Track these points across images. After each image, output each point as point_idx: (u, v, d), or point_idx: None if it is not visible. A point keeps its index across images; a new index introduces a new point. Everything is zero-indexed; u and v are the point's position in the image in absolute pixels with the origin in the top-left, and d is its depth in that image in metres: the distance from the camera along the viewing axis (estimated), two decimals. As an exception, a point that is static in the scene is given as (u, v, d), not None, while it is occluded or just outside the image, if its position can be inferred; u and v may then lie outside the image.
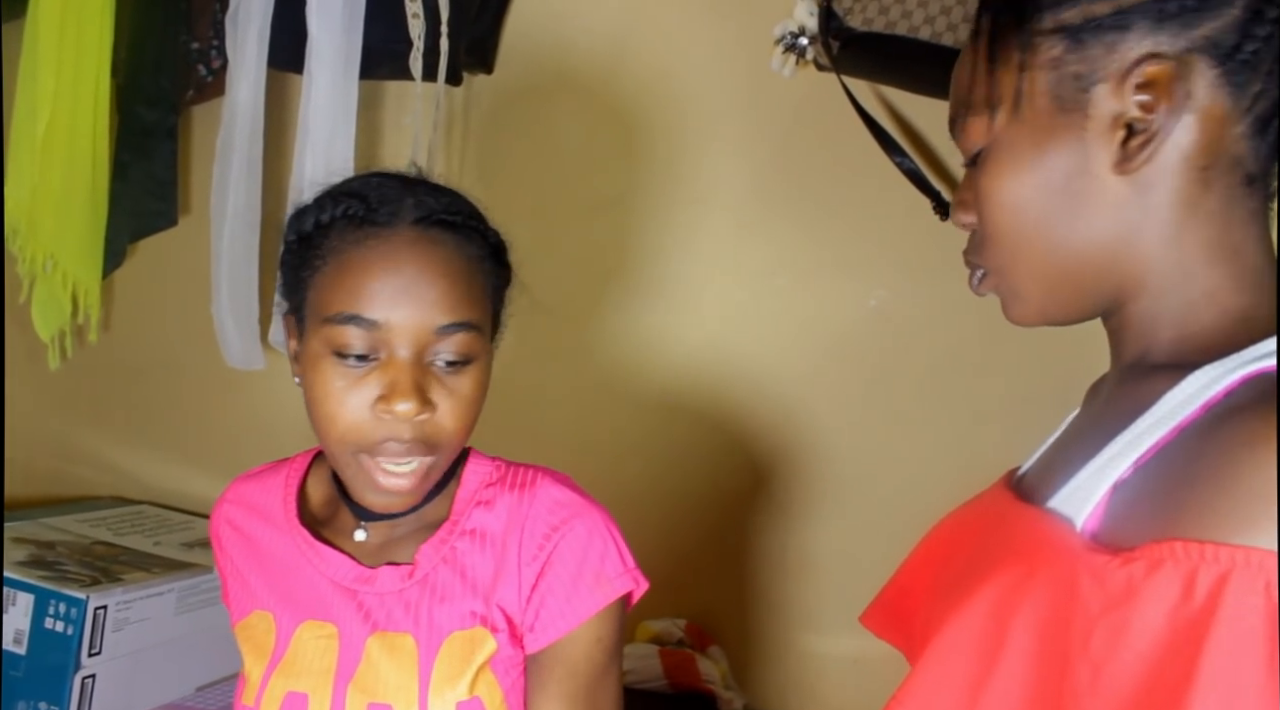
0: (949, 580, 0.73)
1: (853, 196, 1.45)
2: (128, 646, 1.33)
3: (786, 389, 1.50)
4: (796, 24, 1.37)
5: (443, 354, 0.81)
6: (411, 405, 0.79)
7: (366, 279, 0.79)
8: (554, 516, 0.87)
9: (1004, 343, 1.39)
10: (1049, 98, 0.67)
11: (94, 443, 1.91)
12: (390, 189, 0.83)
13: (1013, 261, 0.71)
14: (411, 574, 0.88)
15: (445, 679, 0.85)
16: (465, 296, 0.82)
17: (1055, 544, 0.61)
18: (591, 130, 1.57)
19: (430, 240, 0.81)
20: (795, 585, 1.53)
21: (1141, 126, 0.65)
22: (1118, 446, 0.63)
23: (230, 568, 0.96)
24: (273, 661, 0.89)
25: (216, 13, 1.66)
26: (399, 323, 0.79)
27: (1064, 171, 0.68)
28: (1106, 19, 0.65)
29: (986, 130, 0.70)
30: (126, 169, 1.67)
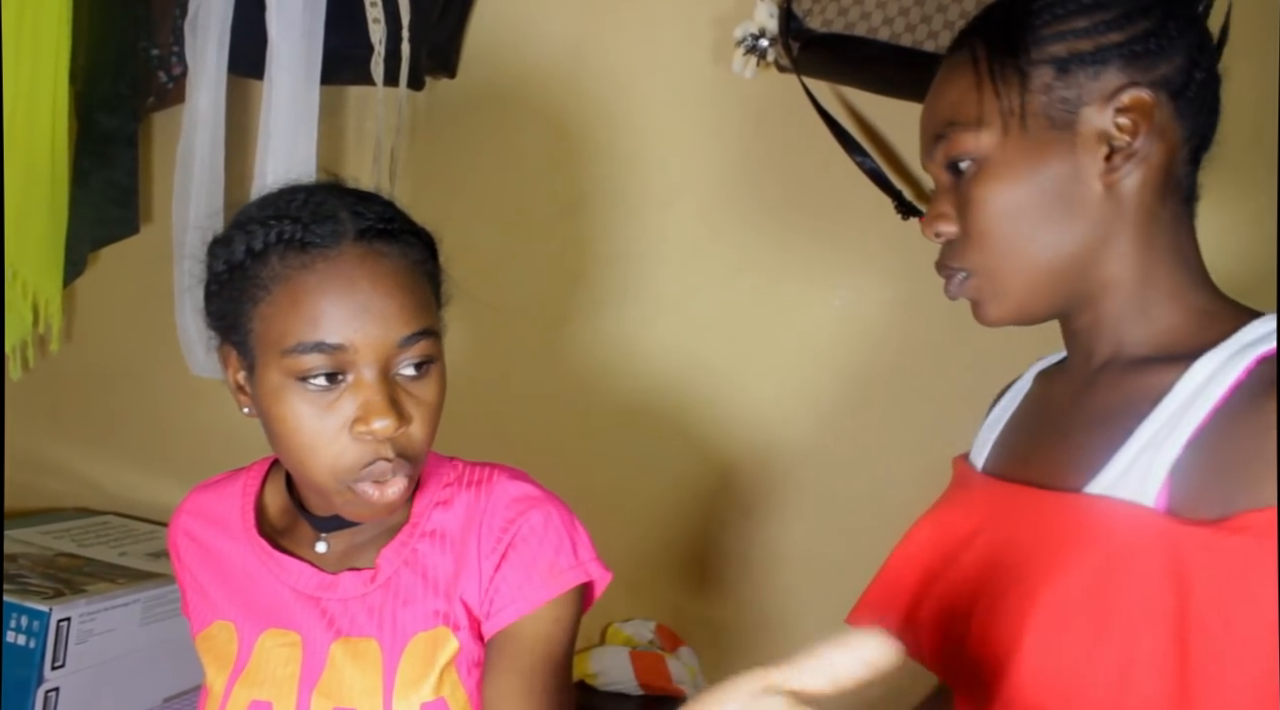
0: (969, 575, 0.79)
1: (815, 197, 1.46)
2: (92, 658, 1.31)
3: (752, 390, 1.51)
4: (757, 26, 1.38)
5: (405, 363, 0.81)
6: (390, 422, 0.78)
7: (323, 304, 0.78)
8: (511, 510, 0.88)
9: (967, 341, 1.40)
10: (1042, 117, 0.77)
11: (57, 453, 1.89)
12: (321, 205, 0.81)
13: (1003, 263, 0.79)
14: (374, 578, 0.88)
15: (409, 681, 0.85)
16: (420, 304, 0.82)
17: (1137, 524, 0.69)
18: (555, 133, 1.57)
19: (377, 254, 0.80)
20: (764, 584, 1.54)
21: (1120, 144, 0.76)
22: (1150, 430, 0.71)
23: (189, 579, 0.95)
24: (235, 671, 0.89)
25: (177, 19, 1.64)
26: (363, 342, 0.78)
27: (1056, 180, 0.77)
28: (1089, 54, 0.76)
29: (976, 145, 0.78)
30: (86, 177, 1.66)
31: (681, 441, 1.54)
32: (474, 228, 1.61)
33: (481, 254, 1.61)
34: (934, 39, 1.26)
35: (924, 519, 0.89)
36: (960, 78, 0.81)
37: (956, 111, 0.80)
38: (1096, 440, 0.75)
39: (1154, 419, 0.72)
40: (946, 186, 0.82)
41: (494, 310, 1.60)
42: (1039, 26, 0.78)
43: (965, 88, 0.80)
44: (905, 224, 1.38)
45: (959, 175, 0.81)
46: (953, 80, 0.82)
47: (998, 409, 0.96)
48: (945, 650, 0.81)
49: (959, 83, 0.81)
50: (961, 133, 0.79)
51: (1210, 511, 0.66)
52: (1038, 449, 0.83)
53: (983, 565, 0.78)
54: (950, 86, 0.82)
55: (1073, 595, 0.70)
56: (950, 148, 0.80)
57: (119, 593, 1.36)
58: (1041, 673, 0.70)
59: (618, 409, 1.56)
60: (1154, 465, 0.70)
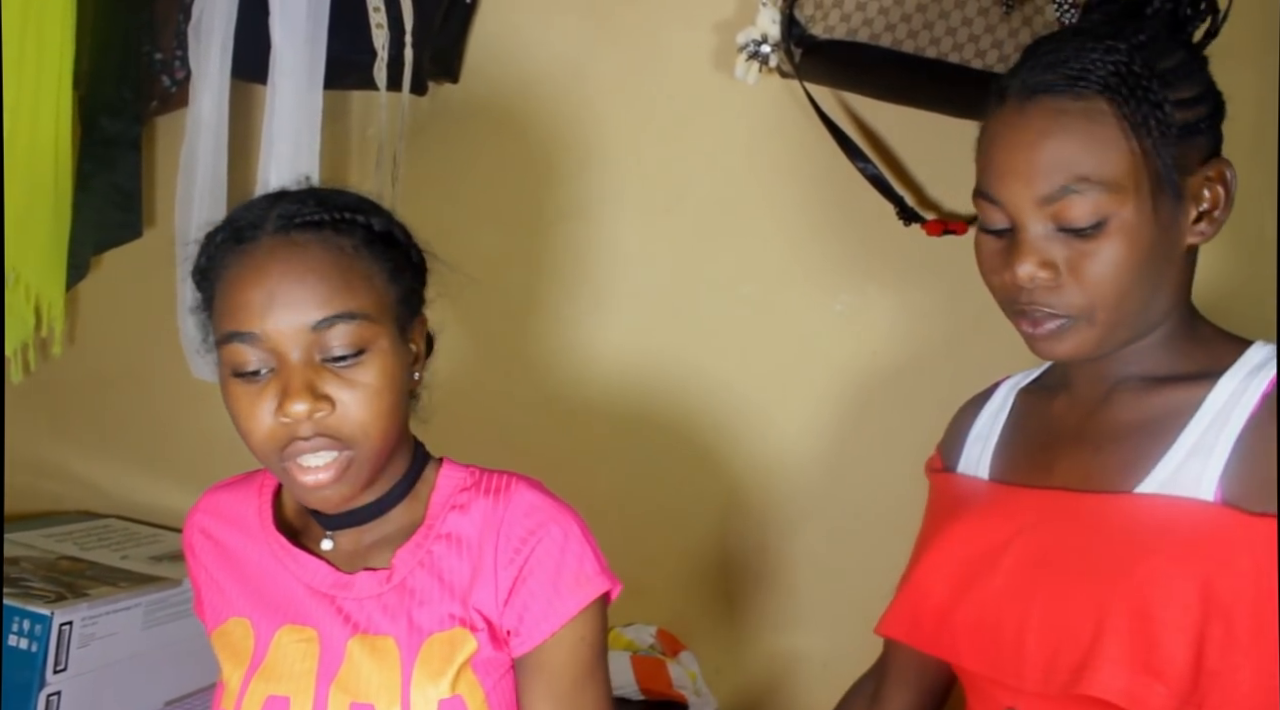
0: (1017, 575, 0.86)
1: (816, 203, 1.46)
2: (94, 662, 1.31)
3: (753, 396, 1.51)
4: (759, 32, 1.37)
5: (331, 350, 0.82)
6: (303, 405, 0.80)
7: (237, 294, 0.82)
8: (529, 520, 0.89)
9: (969, 347, 1.40)
10: (1164, 183, 0.82)
11: (60, 457, 1.89)
12: (257, 206, 0.86)
13: (1111, 312, 0.83)
14: (389, 578, 0.89)
15: (427, 676, 0.86)
16: (340, 289, 0.83)
17: (1203, 518, 0.79)
18: (558, 138, 1.57)
19: (291, 243, 0.83)
20: (766, 589, 1.53)
21: (1204, 208, 0.84)
22: (1192, 438, 0.82)
23: (205, 576, 0.96)
24: (252, 666, 0.90)
25: (180, 23, 1.64)
26: (273, 329, 0.81)
27: (1165, 243, 0.83)
28: (1194, 123, 0.83)
29: (1117, 207, 0.81)
30: (89, 180, 1.66)
31: (683, 447, 1.54)
32: (475, 232, 1.61)
33: (482, 258, 1.61)
34: (935, 45, 1.26)
35: (946, 531, 0.94)
36: (1100, 130, 0.81)
37: (1098, 168, 0.81)
38: (1133, 449, 0.85)
39: (1193, 429, 0.83)
40: (1044, 234, 0.83)
41: (493, 315, 1.61)
42: (1165, 89, 0.82)
43: (1107, 143, 0.81)
44: (907, 231, 1.38)
45: (1073, 229, 0.82)
46: (1090, 131, 0.81)
47: (979, 424, 1.02)
48: (993, 648, 0.87)
49: (1099, 135, 0.81)
50: (1104, 194, 0.81)
51: (1261, 507, 0.78)
52: (1061, 459, 0.90)
53: (1031, 566, 0.86)
54: (1087, 137, 0.82)
55: (1155, 581, 0.78)
56: (1084, 204, 0.81)
57: (121, 596, 1.36)
58: (1131, 655, 0.78)
59: (619, 415, 1.56)
60: (1206, 469, 0.81)
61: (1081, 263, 0.82)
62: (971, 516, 0.93)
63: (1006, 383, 1.04)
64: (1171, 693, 0.77)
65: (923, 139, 1.41)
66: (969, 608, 0.89)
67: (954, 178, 1.41)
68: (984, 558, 0.89)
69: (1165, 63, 0.83)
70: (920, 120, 1.39)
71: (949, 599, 0.91)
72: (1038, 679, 0.83)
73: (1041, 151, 0.82)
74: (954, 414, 1.07)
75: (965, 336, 1.41)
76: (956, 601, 0.90)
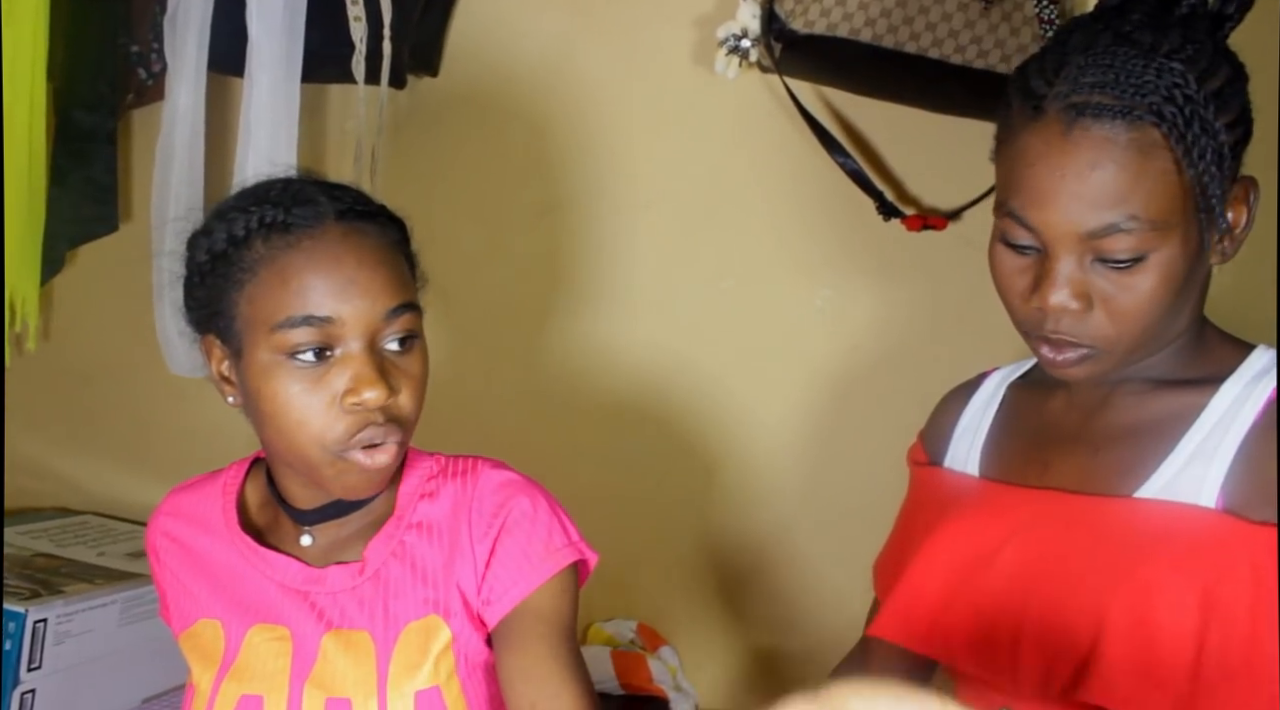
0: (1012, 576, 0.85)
1: (797, 198, 1.46)
2: (69, 660, 1.30)
3: (734, 390, 1.51)
4: (740, 26, 1.38)
5: (391, 337, 0.83)
6: (379, 392, 0.81)
7: (311, 279, 0.81)
8: (499, 495, 0.90)
9: (949, 341, 1.41)
10: (1212, 215, 0.79)
11: (35, 453, 1.88)
12: (300, 191, 0.85)
13: (1134, 341, 0.82)
14: (362, 571, 0.88)
15: (403, 670, 0.86)
16: (402, 279, 0.85)
17: (1204, 525, 0.78)
18: (537, 133, 1.57)
19: (358, 231, 0.84)
20: (747, 584, 1.54)
21: (1230, 230, 0.82)
22: (1194, 443, 0.81)
23: (170, 580, 0.95)
24: (223, 667, 0.89)
25: (156, 15, 1.63)
26: (350, 315, 0.81)
27: (1196, 268, 0.81)
28: (1230, 149, 0.79)
29: (1163, 244, 0.78)
30: (65, 174, 1.64)
31: (663, 441, 1.54)
32: (455, 227, 1.61)
33: (463, 253, 1.61)
34: (915, 40, 1.26)
35: (938, 531, 0.93)
36: (1154, 167, 0.77)
37: (1149, 206, 0.77)
38: (1134, 452, 0.84)
39: (1195, 434, 0.82)
40: (1082, 263, 0.79)
41: (475, 310, 1.60)
42: (1218, 115, 0.77)
43: (1160, 179, 0.77)
44: (887, 226, 1.38)
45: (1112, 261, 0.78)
46: (1144, 169, 0.77)
47: (967, 417, 1.00)
48: (987, 648, 0.86)
49: (1153, 173, 0.77)
50: (1151, 231, 0.77)
51: (1263, 515, 0.77)
52: (1057, 459, 0.89)
53: (1026, 568, 0.85)
54: (1141, 175, 0.77)
55: (1154, 586, 0.78)
56: (1132, 241, 0.77)
57: (97, 593, 1.35)
58: (1130, 661, 0.78)
59: (599, 409, 1.56)
60: (1207, 475, 0.80)
61: (1116, 295, 0.79)
62: (964, 516, 0.92)
63: (996, 374, 1.01)
64: (1170, 700, 0.77)
65: (903, 134, 1.42)
66: (963, 609, 0.88)
67: (934, 173, 1.42)
68: (979, 558, 0.88)
69: (1215, 82, 0.78)
70: (900, 115, 1.39)
71: (943, 600, 0.90)
72: (1035, 683, 0.83)
73: (1090, 185, 0.77)
74: (938, 404, 1.06)
75: (945, 331, 1.41)
76: (950, 603, 0.89)
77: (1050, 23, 1.26)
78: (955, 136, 1.35)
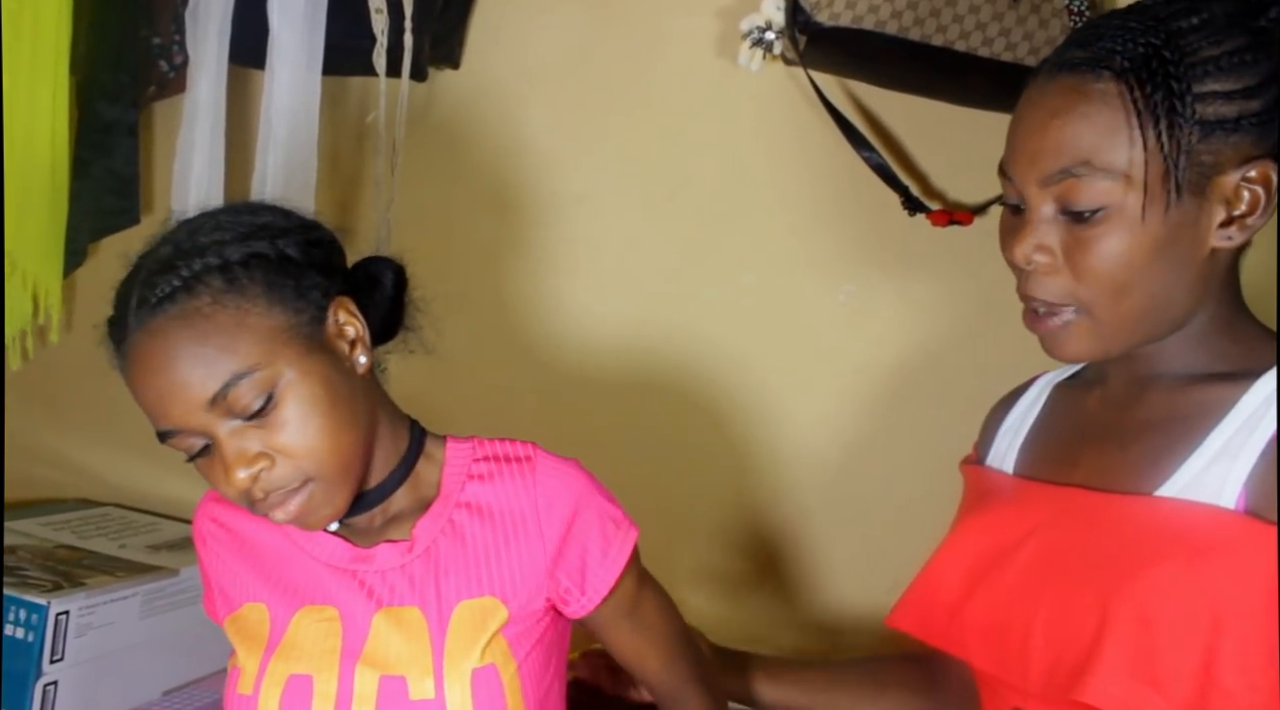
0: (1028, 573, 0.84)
1: (820, 192, 1.45)
2: (91, 652, 1.31)
3: (756, 386, 1.50)
4: (764, 18, 1.36)
5: (239, 411, 0.80)
6: (244, 473, 0.81)
7: (139, 401, 0.82)
8: (568, 490, 0.91)
9: (973, 337, 1.39)
10: (1179, 177, 0.78)
11: (57, 444, 1.89)
12: (124, 293, 0.84)
13: (1112, 303, 0.81)
14: (411, 548, 0.88)
15: (459, 647, 0.86)
16: (214, 355, 0.79)
17: (1222, 525, 0.75)
18: (559, 125, 1.56)
19: (152, 332, 0.79)
20: (766, 581, 1.53)
21: (1239, 212, 0.79)
22: (1220, 441, 0.78)
23: (217, 565, 0.96)
24: (269, 649, 0.89)
25: (178, 7, 1.63)
26: (180, 419, 0.80)
27: (1178, 239, 0.79)
28: (1230, 121, 0.78)
29: (1117, 196, 0.79)
30: (87, 167, 1.64)
31: (684, 436, 1.53)
32: (476, 220, 1.60)
33: (483, 245, 1.60)
34: (943, 33, 1.24)
35: (963, 524, 0.93)
36: (1108, 116, 0.79)
37: (1101, 154, 0.79)
38: (1159, 448, 0.82)
39: (1222, 430, 0.79)
40: (1049, 217, 0.82)
41: (495, 302, 1.60)
42: (1193, 81, 0.78)
43: (1114, 130, 0.79)
44: (911, 221, 1.37)
45: (1073, 213, 0.80)
46: (1098, 116, 0.79)
47: (1012, 417, 0.98)
48: (1000, 647, 0.85)
49: (1106, 121, 0.79)
50: (1104, 180, 0.79)
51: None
52: (1087, 455, 0.88)
53: (1042, 565, 0.83)
54: (1094, 122, 0.80)
55: (1162, 587, 0.75)
56: (1085, 190, 0.79)
57: (118, 586, 1.35)
58: (1130, 663, 0.76)
59: (619, 402, 1.56)
60: (1230, 474, 0.77)
61: (1077, 250, 0.81)
62: (990, 510, 0.91)
63: (1044, 377, 1.01)
64: (1171, 706, 0.75)
65: (928, 128, 1.40)
66: (980, 605, 0.87)
67: (960, 167, 1.40)
68: (999, 554, 0.87)
69: (1210, 50, 0.78)
70: (926, 109, 1.37)
71: (961, 594, 0.89)
72: (1040, 682, 0.82)
73: (1050, 131, 0.81)
74: (992, 407, 1.06)
75: (970, 328, 1.40)
76: (968, 597, 0.89)
77: (1080, 14, 1.24)
78: (982, 131, 1.32)
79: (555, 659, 0.95)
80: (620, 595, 0.93)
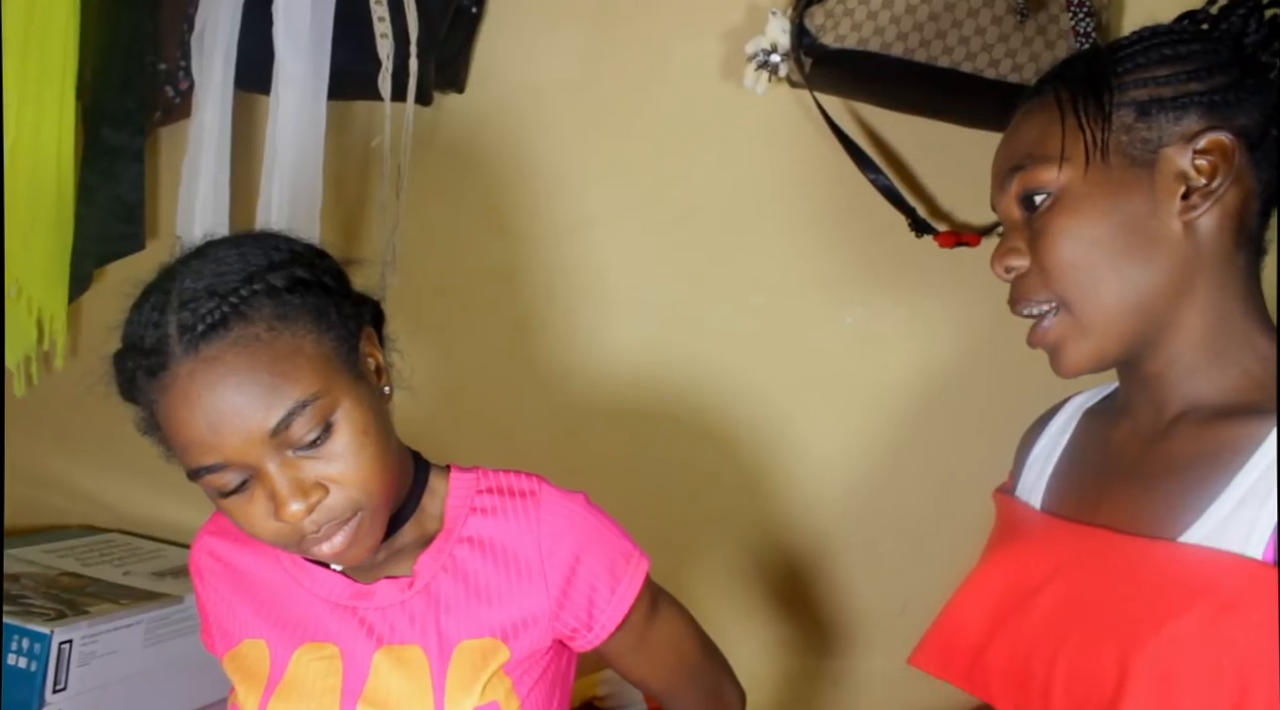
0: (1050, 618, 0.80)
1: (827, 214, 1.44)
2: (94, 681, 1.30)
3: (764, 409, 1.49)
4: (769, 41, 1.36)
5: (297, 441, 0.77)
6: (299, 505, 0.77)
7: (181, 433, 0.77)
8: (575, 527, 0.89)
9: (981, 360, 1.38)
10: (1122, 154, 0.80)
11: (62, 470, 1.88)
12: (153, 316, 0.78)
13: (1083, 293, 0.80)
14: (411, 585, 0.87)
15: (459, 686, 0.85)
16: (277, 382, 0.76)
17: (1250, 576, 0.71)
18: (564, 149, 1.56)
19: (207, 359, 0.75)
20: (775, 601, 1.52)
21: (1197, 183, 0.79)
22: (1247, 484, 0.74)
23: (215, 600, 0.94)
24: (269, 688, 0.88)
25: (184, 33, 1.63)
26: (233, 450, 0.76)
27: (1133, 216, 0.80)
28: (1169, 100, 0.80)
29: (1055, 178, 0.81)
30: (92, 192, 1.65)
31: (690, 460, 1.52)
32: (483, 243, 1.60)
33: (490, 270, 1.60)
34: (948, 55, 1.24)
35: (988, 560, 0.90)
36: (1041, 116, 0.85)
37: (1036, 146, 0.84)
38: (1184, 490, 0.77)
39: (1249, 472, 0.74)
40: (1018, 222, 0.85)
41: (503, 326, 1.59)
42: (1122, 72, 0.82)
43: (1046, 124, 0.84)
44: (919, 242, 1.36)
45: (1032, 210, 0.83)
46: (1033, 119, 0.85)
47: (1041, 444, 0.96)
48: (1021, 692, 0.82)
49: (1039, 120, 0.85)
50: (1041, 166, 0.82)
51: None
52: (1112, 494, 0.84)
53: (1065, 609, 0.80)
54: (1030, 124, 0.86)
55: (1182, 645, 0.71)
56: (1027, 179, 0.83)
57: (122, 613, 1.34)
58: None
59: (627, 427, 1.55)
60: (1259, 519, 0.72)
61: (1037, 241, 0.82)
62: (1016, 548, 0.88)
63: (1075, 399, 0.98)
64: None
65: (935, 150, 1.40)
66: (1002, 647, 0.84)
67: (966, 189, 1.39)
68: (1023, 595, 0.83)
69: (1139, 46, 0.83)
70: (932, 131, 1.37)
71: (984, 635, 0.86)
72: None
73: (1002, 148, 0.88)
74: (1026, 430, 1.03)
75: (978, 350, 1.39)
76: (990, 638, 0.85)
77: (1087, 36, 1.23)
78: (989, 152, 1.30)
79: (560, 691, 0.94)
80: (629, 627, 0.92)
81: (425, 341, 1.31)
